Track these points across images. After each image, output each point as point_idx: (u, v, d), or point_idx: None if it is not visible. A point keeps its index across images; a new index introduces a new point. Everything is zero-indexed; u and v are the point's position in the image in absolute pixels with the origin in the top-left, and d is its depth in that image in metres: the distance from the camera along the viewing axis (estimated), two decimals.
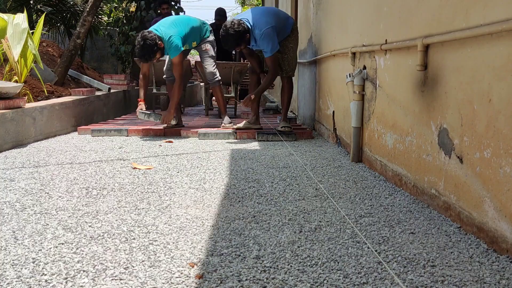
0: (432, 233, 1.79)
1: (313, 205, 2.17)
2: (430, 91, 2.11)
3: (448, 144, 1.94)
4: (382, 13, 2.74)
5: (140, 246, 1.64)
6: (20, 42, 4.34)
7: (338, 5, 3.84)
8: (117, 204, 2.17)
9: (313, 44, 4.98)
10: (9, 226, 1.85)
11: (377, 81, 2.86)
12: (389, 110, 2.65)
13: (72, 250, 1.60)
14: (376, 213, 2.04)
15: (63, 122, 4.57)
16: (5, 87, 3.75)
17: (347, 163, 3.16)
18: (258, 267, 1.47)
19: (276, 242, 1.69)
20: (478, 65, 1.71)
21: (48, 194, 2.32)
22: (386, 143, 2.67)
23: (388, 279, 1.39)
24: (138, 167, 2.97)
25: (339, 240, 1.72)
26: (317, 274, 1.43)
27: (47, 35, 9.10)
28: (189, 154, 3.48)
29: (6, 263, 1.49)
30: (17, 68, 4.57)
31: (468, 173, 1.78)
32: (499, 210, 1.57)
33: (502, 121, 1.56)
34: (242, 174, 2.80)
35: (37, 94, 4.84)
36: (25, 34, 4.40)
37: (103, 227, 1.85)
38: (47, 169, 2.90)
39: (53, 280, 1.37)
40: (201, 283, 1.37)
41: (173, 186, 2.51)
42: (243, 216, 1.99)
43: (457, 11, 1.86)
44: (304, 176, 2.75)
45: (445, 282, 1.38)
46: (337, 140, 3.82)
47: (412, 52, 2.29)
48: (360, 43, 3.16)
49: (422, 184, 2.19)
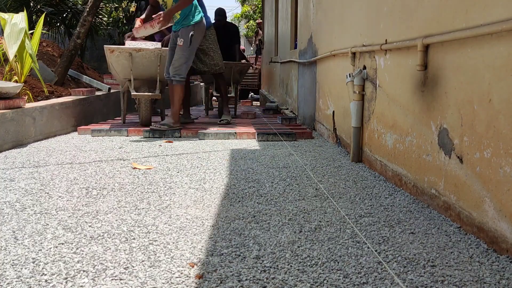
0: (432, 233, 1.79)
1: (313, 205, 2.17)
2: (430, 91, 2.11)
3: (448, 144, 1.94)
4: (382, 13, 2.74)
5: (140, 246, 1.64)
6: (17, 41, 4.34)
7: (338, 5, 3.84)
8: (117, 204, 2.17)
9: (313, 44, 4.98)
10: (9, 226, 1.85)
11: (377, 81, 2.86)
12: (389, 110, 2.65)
13: (72, 250, 1.60)
14: (376, 213, 2.04)
15: (63, 122, 4.57)
16: (5, 87, 3.75)
17: (347, 163, 3.16)
18: (258, 267, 1.47)
19: (276, 242, 1.69)
20: (478, 65, 1.71)
21: (48, 194, 2.32)
22: (386, 143, 2.67)
23: (388, 279, 1.39)
24: (138, 167, 2.97)
25: (339, 240, 1.72)
26: (317, 274, 1.43)
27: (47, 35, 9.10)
28: (189, 154, 3.48)
29: (6, 263, 1.49)
30: (17, 68, 4.57)
31: (468, 173, 1.78)
32: (499, 210, 1.57)
33: (502, 121, 1.56)
34: (242, 174, 2.80)
35: (37, 94, 4.84)
36: (22, 34, 4.40)
37: (103, 227, 1.85)
38: (47, 169, 2.90)
39: (53, 280, 1.37)
40: (201, 283, 1.37)
41: (173, 186, 2.51)
42: (243, 216, 1.99)
43: (457, 11, 1.86)
44: (304, 176, 2.75)
45: (445, 282, 1.38)
46: (337, 140, 3.82)
47: (412, 52, 2.30)
48: (360, 43, 3.16)
49: (422, 184, 2.19)
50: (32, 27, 5.48)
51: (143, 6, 8.66)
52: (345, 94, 3.43)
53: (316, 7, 4.85)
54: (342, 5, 3.72)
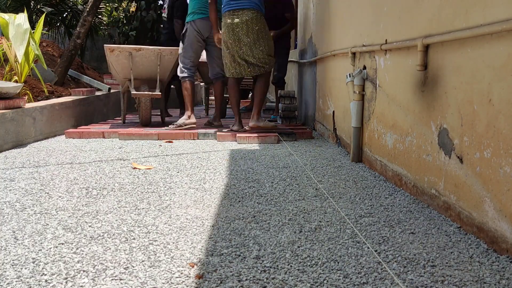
0: (432, 233, 1.79)
1: (313, 205, 2.17)
2: (430, 91, 2.11)
3: (448, 144, 1.94)
4: (382, 13, 2.74)
5: (140, 246, 1.64)
6: (23, 42, 4.34)
7: (338, 5, 3.84)
8: (117, 204, 2.17)
9: (313, 44, 4.98)
10: (9, 226, 1.85)
11: (377, 81, 2.86)
12: (389, 110, 2.65)
13: (72, 250, 1.60)
14: (376, 213, 2.04)
15: (63, 122, 4.57)
16: (5, 87, 3.76)
17: (347, 163, 3.16)
18: (258, 267, 1.47)
19: (276, 242, 1.69)
20: (478, 65, 1.71)
21: (48, 194, 2.32)
22: (386, 143, 2.67)
23: (388, 279, 1.39)
24: (138, 167, 2.97)
25: (339, 240, 1.72)
26: (317, 274, 1.43)
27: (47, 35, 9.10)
28: (189, 154, 3.48)
29: (6, 263, 1.49)
30: (17, 68, 4.57)
31: (468, 173, 1.78)
32: (499, 210, 1.57)
33: (502, 121, 1.56)
34: (242, 174, 2.80)
35: (37, 94, 4.84)
36: (27, 35, 4.41)
37: (103, 227, 1.85)
38: (47, 169, 2.90)
39: (53, 280, 1.37)
40: (201, 283, 1.37)
41: (173, 186, 2.51)
42: (243, 216, 1.99)
43: (457, 11, 1.86)
44: (304, 176, 2.75)
45: (445, 282, 1.38)
46: (337, 140, 3.82)
47: (412, 52, 2.30)
48: (360, 43, 3.16)
49: (422, 184, 2.19)
50: (32, 27, 5.48)
51: (143, 6, 8.67)
52: (345, 94, 3.43)
53: (316, 7, 4.85)
54: (342, 5, 3.72)
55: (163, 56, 4.59)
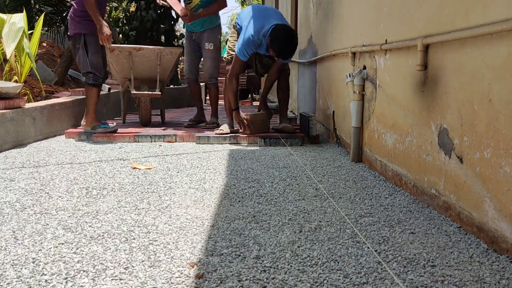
0: (432, 233, 1.79)
1: (313, 205, 2.17)
2: (430, 91, 2.11)
3: (448, 144, 1.94)
4: (382, 13, 2.74)
5: (140, 246, 1.64)
6: (15, 40, 4.32)
7: (338, 5, 3.84)
8: (117, 204, 2.17)
9: (313, 44, 4.98)
10: (9, 226, 1.85)
11: (377, 81, 2.86)
12: (389, 110, 2.65)
13: (72, 250, 1.60)
14: (376, 213, 2.04)
15: (63, 122, 4.57)
16: (5, 87, 3.75)
17: (347, 163, 3.16)
18: (258, 267, 1.47)
19: (276, 242, 1.69)
20: (478, 65, 1.71)
21: (48, 194, 2.32)
22: (386, 143, 2.67)
23: (388, 279, 1.39)
24: (138, 167, 2.97)
25: (339, 240, 1.72)
26: (317, 274, 1.43)
27: (47, 35, 9.09)
28: (189, 154, 3.48)
29: (6, 263, 1.49)
30: (17, 68, 4.57)
31: (468, 173, 1.78)
32: (499, 210, 1.57)
33: (502, 121, 1.56)
34: (242, 174, 2.80)
35: (37, 94, 4.84)
36: (20, 33, 4.38)
37: (103, 227, 1.85)
38: (47, 169, 2.90)
39: (53, 280, 1.37)
40: (201, 283, 1.37)
41: (173, 186, 2.51)
42: (243, 216, 1.99)
43: (457, 11, 1.86)
44: (304, 176, 2.75)
45: (445, 282, 1.38)
46: (337, 140, 3.82)
47: (412, 52, 2.30)
48: (360, 43, 3.16)
49: (422, 184, 2.19)
50: (32, 27, 5.48)
51: (143, 6, 8.66)
52: (345, 94, 3.43)
53: (316, 7, 4.85)
54: (342, 5, 3.72)
55: (163, 56, 4.59)
